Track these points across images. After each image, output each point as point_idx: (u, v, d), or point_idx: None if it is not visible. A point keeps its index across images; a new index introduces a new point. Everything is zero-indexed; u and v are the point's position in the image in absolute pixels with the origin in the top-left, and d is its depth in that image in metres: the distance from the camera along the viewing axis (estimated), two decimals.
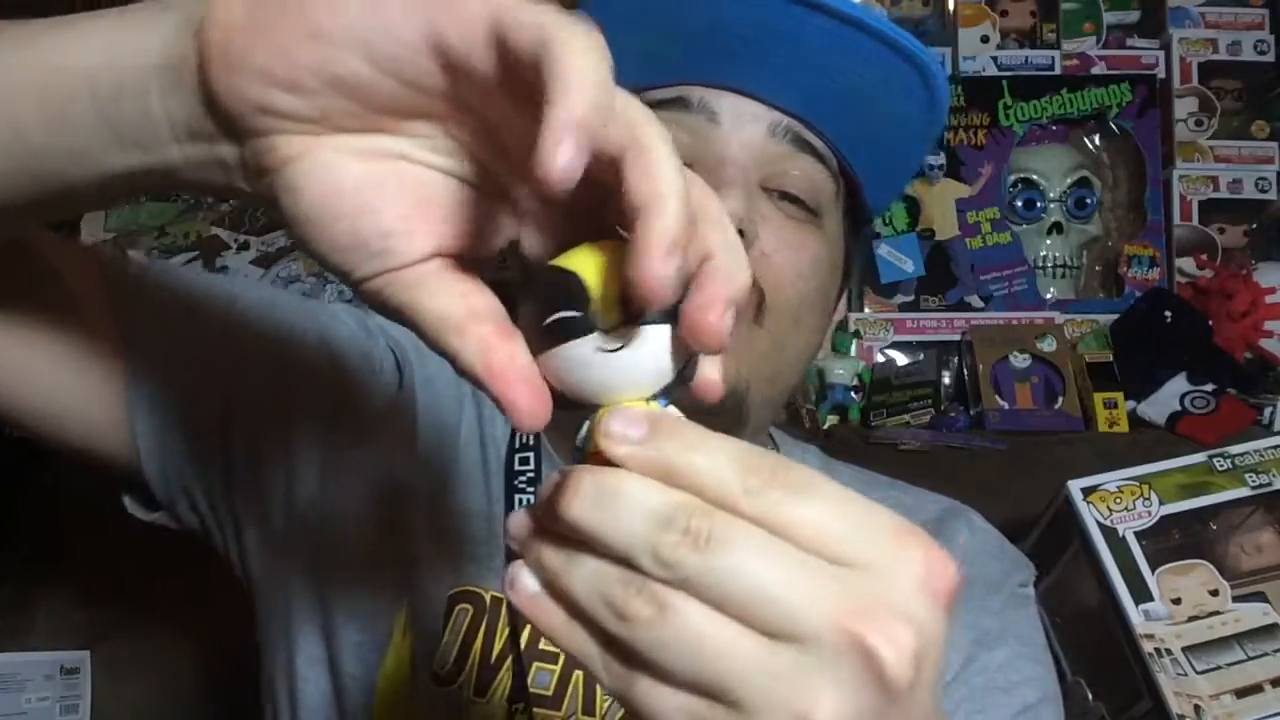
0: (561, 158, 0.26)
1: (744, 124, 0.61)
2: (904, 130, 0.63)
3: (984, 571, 0.68)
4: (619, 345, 0.30)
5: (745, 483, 0.28)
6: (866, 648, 0.27)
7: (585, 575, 0.29)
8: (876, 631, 0.27)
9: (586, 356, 0.30)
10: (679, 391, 0.32)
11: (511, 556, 0.31)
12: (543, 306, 0.31)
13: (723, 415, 0.59)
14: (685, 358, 0.32)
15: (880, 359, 1.30)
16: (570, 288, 0.30)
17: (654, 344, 0.31)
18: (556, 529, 0.30)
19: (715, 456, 0.29)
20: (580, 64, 0.27)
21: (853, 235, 0.69)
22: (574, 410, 0.32)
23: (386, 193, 0.32)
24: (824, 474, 0.30)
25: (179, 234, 1.33)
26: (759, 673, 0.27)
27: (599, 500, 0.28)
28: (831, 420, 1.25)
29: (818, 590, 0.27)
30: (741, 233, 0.57)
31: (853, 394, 1.27)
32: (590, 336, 0.30)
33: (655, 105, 0.61)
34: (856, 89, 0.59)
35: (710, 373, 0.33)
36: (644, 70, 0.61)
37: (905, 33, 0.58)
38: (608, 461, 0.30)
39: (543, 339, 0.31)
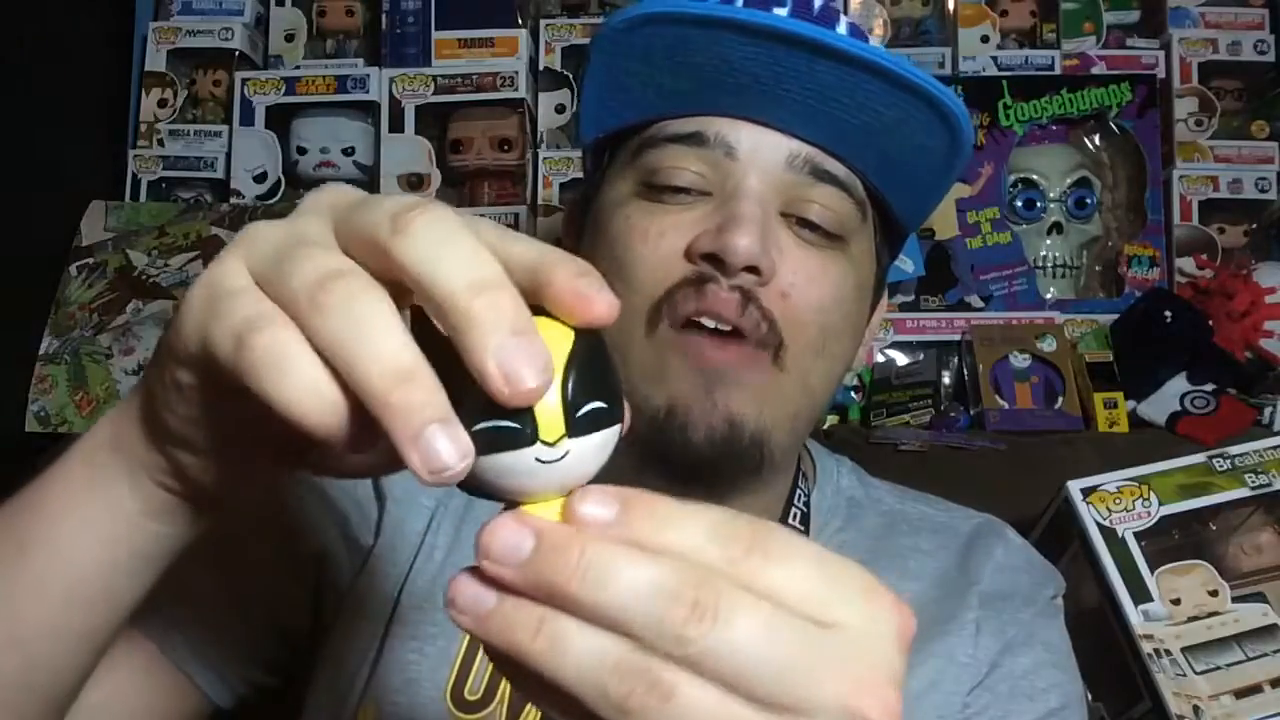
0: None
1: (761, 156, 0.60)
2: (928, 160, 0.62)
3: (1016, 585, 0.68)
4: (561, 456, 0.28)
5: (727, 553, 0.28)
6: (865, 717, 0.27)
7: (578, 660, 0.27)
8: (875, 702, 0.27)
9: (525, 466, 0.28)
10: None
11: None
12: (475, 408, 0.28)
13: (745, 459, 0.59)
14: (612, 448, 0.30)
15: (880, 359, 1.30)
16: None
17: (591, 447, 0.29)
18: (525, 592, 0.28)
19: (692, 530, 0.28)
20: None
21: (885, 250, 0.68)
22: (489, 498, 0.30)
23: None
24: (799, 538, 0.30)
25: (179, 234, 1.33)
26: None
27: (594, 571, 0.27)
28: (831, 420, 1.25)
29: (818, 662, 0.27)
30: (757, 271, 0.57)
31: (853, 394, 1.27)
32: (531, 449, 0.28)
33: (673, 139, 0.61)
34: (874, 125, 0.58)
35: None
36: (659, 101, 0.61)
37: (919, 71, 0.57)
38: None
39: (473, 439, 0.28)
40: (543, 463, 0.28)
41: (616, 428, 0.30)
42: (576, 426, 0.28)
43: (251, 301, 0.30)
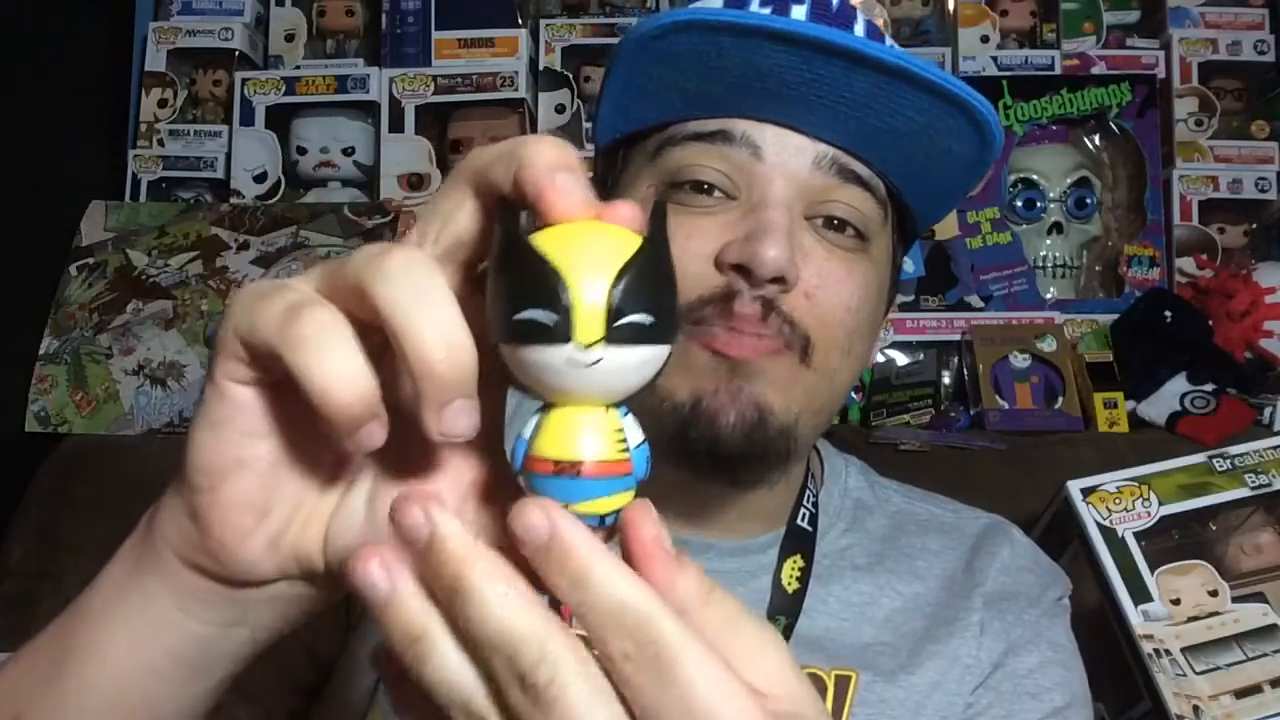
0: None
1: (788, 157, 0.60)
2: (953, 164, 0.62)
3: (1021, 586, 0.68)
4: (594, 361, 0.28)
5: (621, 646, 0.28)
6: None
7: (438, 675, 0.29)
8: None
9: (555, 364, 0.28)
10: (638, 397, 0.30)
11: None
12: (516, 296, 0.28)
13: (772, 451, 0.59)
14: (656, 370, 0.30)
15: (880, 359, 1.30)
16: (550, 289, 0.28)
17: (629, 361, 0.29)
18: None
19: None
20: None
21: (901, 249, 0.68)
22: (522, 390, 0.31)
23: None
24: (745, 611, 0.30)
25: (179, 234, 1.33)
26: None
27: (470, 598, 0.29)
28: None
29: None
30: (783, 280, 0.57)
31: (853, 394, 1.27)
32: (564, 346, 0.28)
33: (697, 137, 0.61)
34: (903, 129, 0.58)
35: None
36: (686, 105, 0.61)
37: (953, 78, 0.57)
38: (550, 466, 0.29)
39: (510, 327, 0.28)
40: (574, 364, 0.28)
41: (661, 349, 0.29)
42: (614, 335, 0.28)
43: (300, 289, 0.32)
